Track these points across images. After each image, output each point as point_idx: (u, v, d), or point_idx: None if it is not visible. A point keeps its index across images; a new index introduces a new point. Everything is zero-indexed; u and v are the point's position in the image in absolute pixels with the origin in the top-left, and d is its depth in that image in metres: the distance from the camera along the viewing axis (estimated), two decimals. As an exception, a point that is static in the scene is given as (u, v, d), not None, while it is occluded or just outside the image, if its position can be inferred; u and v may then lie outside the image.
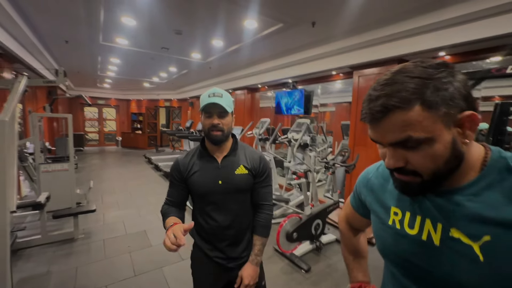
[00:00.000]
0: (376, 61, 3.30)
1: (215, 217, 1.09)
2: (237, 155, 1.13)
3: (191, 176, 1.09)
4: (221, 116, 1.04)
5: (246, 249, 1.16)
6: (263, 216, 1.16)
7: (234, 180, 1.08)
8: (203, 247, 1.14)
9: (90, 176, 6.06)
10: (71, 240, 2.95)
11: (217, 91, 1.05)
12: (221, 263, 1.13)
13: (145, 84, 9.33)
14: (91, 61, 5.68)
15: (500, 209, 0.44)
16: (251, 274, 1.10)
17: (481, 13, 2.30)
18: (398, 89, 0.44)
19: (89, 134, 11.65)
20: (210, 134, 1.05)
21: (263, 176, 1.15)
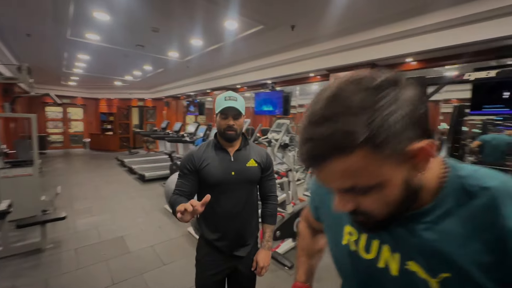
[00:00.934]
0: (351, 64, 3.49)
1: (226, 205, 1.18)
2: (247, 150, 1.26)
3: (205, 167, 1.17)
4: (235, 118, 1.16)
5: (251, 236, 1.28)
6: (271, 206, 1.31)
7: (245, 172, 1.20)
8: (210, 238, 1.21)
9: (56, 181, 5.59)
10: (38, 251, 2.71)
11: (232, 95, 1.17)
12: (227, 252, 1.21)
13: (116, 83, 8.84)
14: (55, 57, 5.25)
15: (460, 243, 0.39)
16: (264, 258, 1.24)
17: (442, 24, 2.55)
18: (335, 129, 0.35)
19: (52, 136, 10.73)
20: (225, 133, 1.17)
21: (269, 170, 1.30)
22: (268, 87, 5.31)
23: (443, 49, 2.72)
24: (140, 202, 4.43)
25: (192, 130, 6.73)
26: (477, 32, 2.41)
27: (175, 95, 9.11)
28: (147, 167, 6.56)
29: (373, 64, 3.39)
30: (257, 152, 1.27)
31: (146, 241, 3.02)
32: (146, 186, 5.44)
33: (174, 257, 2.69)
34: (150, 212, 3.95)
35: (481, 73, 1.62)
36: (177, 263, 2.59)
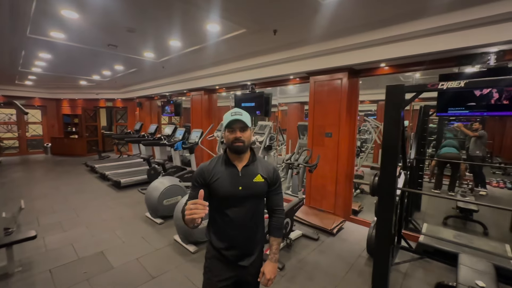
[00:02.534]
0: (330, 68, 3.63)
1: (233, 217, 1.24)
2: (255, 165, 1.31)
3: (215, 181, 1.23)
4: (242, 130, 1.23)
5: (256, 247, 1.34)
6: (278, 220, 1.37)
7: (252, 187, 1.26)
8: (218, 246, 1.27)
9: (15, 193, 5.04)
10: (5, 276, 2.43)
11: (238, 111, 1.25)
12: (235, 261, 1.27)
13: (81, 82, 8.16)
14: (10, 55, 4.69)
15: None
16: (271, 270, 1.29)
17: (413, 34, 2.76)
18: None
19: (4, 142, 9.60)
20: (233, 146, 1.23)
21: (276, 184, 1.36)
22: (248, 89, 5.31)
23: (413, 57, 2.96)
24: (118, 211, 4.18)
25: (169, 133, 6.48)
26: (442, 42, 2.66)
27: (149, 95, 8.68)
28: (121, 172, 6.20)
29: (350, 69, 3.57)
30: (264, 168, 1.32)
31: (129, 254, 2.87)
32: (122, 194, 5.14)
33: (162, 269, 2.60)
34: (131, 222, 3.75)
35: (453, 83, 1.79)
36: (167, 274, 2.50)
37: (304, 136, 5.38)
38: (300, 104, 9.45)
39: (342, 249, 3.07)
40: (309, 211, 3.98)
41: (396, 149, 2.09)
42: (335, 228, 3.47)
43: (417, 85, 2.02)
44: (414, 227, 3.47)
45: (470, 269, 2.02)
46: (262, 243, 1.38)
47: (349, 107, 3.67)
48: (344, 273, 2.58)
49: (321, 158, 3.80)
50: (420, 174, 3.92)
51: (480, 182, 5.29)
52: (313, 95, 3.96)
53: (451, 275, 2.50)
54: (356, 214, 3.99)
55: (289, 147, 8.52)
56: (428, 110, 3.92)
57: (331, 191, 3.87)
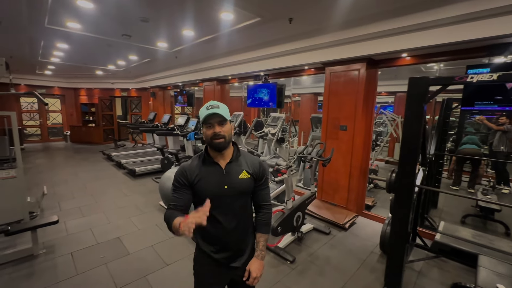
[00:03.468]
0: (347, 59, 3.48)
1: (221, 219, 1.16)
2: (239, 161, 1.22)
3: (198, 182, 1.15)
4: (221, 124, 1.12)
5: (248, 246, 1.27)
6: (265, 215, 1.29)
7: (238, 185, 1.17)
8: (207, 250, 1.20)
9: (39, 179, 5.31)
10: (31, 257, 2.59)
11: (214, 103, 1.13)
12: (225, 263, 1.21)
13: (98, 72, 8.33)
14: (30, 45, 4.82)
15: None
16: (258, 267, 1.22)
17: (437, 22, 2.58)
18: None
19: (28, 129, 10.07)
20: (213, 142, 1.13)
21: (263, 179, 1.27)
22: (261, 79, 5.22)
23: (437, 46, 2.77)
24: (133, 199, 4.32)
25: (182, 123, 6.54)
26: (472, 30, 2.46)
27: (162, 85, 8.75)
28: (136, 161, 6.37)
29: (369, 59, 3.40)
30: (249, 162, 1.23)
31: (144, 241, 2.97)
32: (137, 182, 5.30)
33: (176, 257, 2.67)
34: (145, 210, 3.87)
35: (484, 75, 1.66)
36: (180, 262, 2.58)
37: (318, 129, 5.27)
38: (313, 95, 9.24)
39: (354, 245, 3.03)
40: (321, 205, 3.94)
41: (416, 145, 1.99)
42: (347, 223, 3.43)
43: (443, 78, 1.88)
44: (430, 224, 3.37)
45: (490, 272, 1.94)
46: (253, 241, 1.30)
47: (366, 99, 3.53)
48: (356, 269, 2.56)
49: (335, 152, 3.72)
50: (438, 170, 3.76)
51: (503, 180, 5.03)
52: (328, 87, 3.83)
53: (468, 277, 2.42)
54: (370, 209, 3.92)
55: (301, 139, 8.42)
56: (451, 104, 3.71)
57: (344, 185, 3.80)
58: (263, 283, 2.28)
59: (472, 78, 1.72)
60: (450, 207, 4.23)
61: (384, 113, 6.89)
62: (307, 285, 2.30)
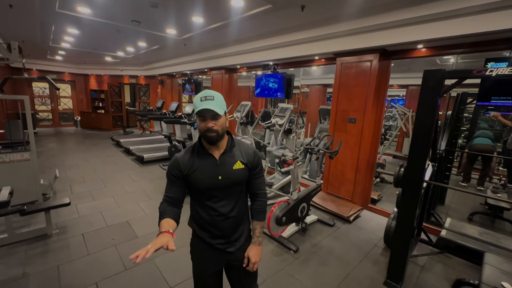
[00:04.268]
0: (360, 49, 3.38)
1: (217, 208, 1.18)
2: (233, 152, 1.21)
3: (192, 173, 1.14)
4: (214, 118, 1.09)
5: (243, 233, 1.30)
6: (260, 203, 1.31)
7: (233, 175, 1.17)
8: (203, 236, 1.23)
9: (50, 162, 5.47)
10: (45, 236, 2.71)
11: (208, 94, 1.09)
12: (221, 248, 1.23)
13: (107, 58, 8.36)
14: (41, 30, 4.85)
15: None
16: (256, 253, 1.27)
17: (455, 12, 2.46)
18: None
19: (40, 114, 10.29)
20: (206, 136, 1.11)
21: (257, 169, 1.27)
22: (270, 69, 5.15)
23: (456, 38, 2.65)
24: (141, 185, 4.42)
25: (189, 111, 6.56)
26: (491, 21, 2.34)
27: (170, 73, 8.74)
28: (144, 148, 6.47)
29: (383, 50, 3.30)
30: (244, 152, 1.22)
31: (152, 226, 3.06)
32: (145, 168, 5.40)
33: (183, 241, 2.72)
34: (153, 196, 3.96)
35: (505, 69, 1.59)
36: (186, 247, 2.62)
37: (326, 121, 5.21)
38: (322, 87, 9.08)
39: (357, 237, 3.05)
40: (326, 197, 3.95)
41: (428, 140, 1.95)
42: (351, 216, 3.44)
43: (460, 71, 1.81)
44: (436, 220, 3.35)
45: (496, 269, 1.92)
46: (248, 228, 1.34)
47: (377, 92, 3.45)
48: (359, 261, 2.58)
49: (343, 145, 3.68)
50: (448, 167, 3.69)
51: (515, 178, 4.90)
52: (339, 78, 3.75)
53: (472, 273, 2.42)
54: (375, 203, 3.91)
55: (308, 130, 8.35)
56: (466, 98, 3.59)
57: (350, 179, 3.78)
58: (266, 270, 2.34)
59: (491, 71, 1.65)
60: (457, 204, 4.18)
61: (394, 107, 6.74)
62: (309, 274, 2.34)
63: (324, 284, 2.23)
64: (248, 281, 1.35)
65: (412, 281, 2.30)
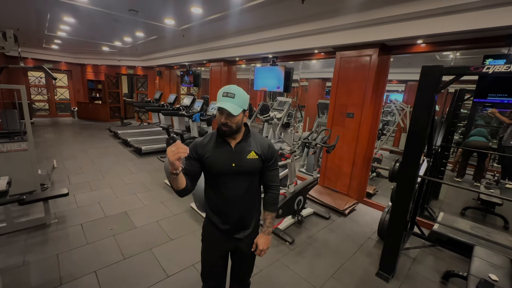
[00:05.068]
0: (360, 43, 3.36)
1: (227, 194, 1.25)
2: (248, 142, 1.27)
3: (207, 158, 1.23)
4: (230, 116, 1.16)
5: (252, 221, 1.36)
6: (272, 195, 1.37)
7: (245, 164, 1.24)
8: (214, 220, 1.31)
9: (48, 152, 5.46)
10: (44, 226, 2.74)
11: (230, 91, 1.15)
12: (230, 234, 1.32)
13: (104, 48, 8.24)
14: (37, 18, 4.75)
15: None
16: (264, 242, 1.35)
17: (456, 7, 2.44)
18: None
19: (36, 104, 10.18)
20: (220, 128, 1.21)
21: (271, 161, 1.33)
22: (269, 62, 5.12)
23: (456, 34, 2.65)
24: (139, 176, 4.44)
25: (187, 103, 6.54)
26: (491, 18, 2.34)
27: (168, 64, 8.65)
28: (142, 139, 6.46)
29: (382, 44, 3.29)
30: (259, 144, 1.29)
31: (150, 216, 3.09)
32: (143, 160, 5.41)
33: (180, 232, 2.79)
34: (151, 187, 3.98)
35: (502, 66, 1.60)
36: (184, 238, 2.70)
37: (324, 115, 5.22)
38: (321, 81, 9.05)
39: (352, 230, 3.11)
40: (323, 191, 4.00)
41: (423, 135, 1.98)
42: (347, 209, 3.50)
43: (458, 67, 1.82)
44: (429, 214, 3.42)
45: (484, 262, 1.99)
46: (258, 217, 1.40)
47: (376, 87, 3.45)
48: (352, 253, 2.65)
49: (340, 139, 3.71)
50: (443, 162, 3.74)
51: (509, 175, 4.99)
52: (338, 72, 3.74)
53: (462, 266, 2.49)
54: (370, 197, 3.97)
55: (307, 124, 8.36)
56: (464, 95, 3.60)
57: (346, 173, 3.83)
58: (263, 261, 2.39)
59: (488, 68, 1.66)
60: (451, 198, 4.25)
61: (393, 102, 6.75)
62: (304, 265, 2.40)
63: (318, 275, 2.29)
64: (244, 269, 1.46)
65: (404, 273, 2.37)
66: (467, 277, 1.85)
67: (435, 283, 2.26)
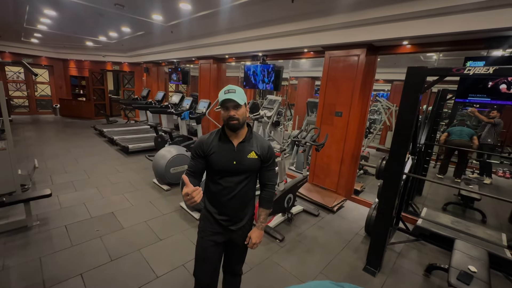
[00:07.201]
0: (348, 43, 3.42)
1: (226, 187, 1.35)
2: (250, 142, 1.36)
3: (211, 155, 1.32)
4: (235, 108, 1.26)
5: (247, 215, 1.44)
6: (268, 193, 1.46)
7: (245, 162, 1.33)
8: (211, 211, 1.40)
9: (29, 152, 5.23)
10: (25, 228, 2.62)
11: (231, 88, 1.28)
12: (225, 225, 1.39)
13: (87, 43, 7.94)
14: (14, 10, 4.51)
15: None
16: (257, 235, 1.44)
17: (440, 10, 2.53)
18: None
19: (15, 100, 9.69)
20: (228, 123, 1.29)
21: (270, 161, 1.41)
22: (259, 60, 5.11)
23: (440, 36, 2.74)
24: (126, 175, 4.34)
25: (176, 101, 6.43)
26: (472, 21, 2.44)
27: (156, 61, 8.46)
28: (129, 138, 6.30)
29: (370, 45, 3.36)
30: (260, 145, 1.38)
31: (138, 217, 3.03)
32: (131, 159, 5.28)
33: (169, 232, 2.76)
34: (139, 187, 3.90)
35: (481, 68, 1.68)
36: (174, 237, 2.67)
37: (313, 113, 5.28)
38: (311, 79, 9.14)
39: (340, 227, 3.18)
40: (312, 188, 4.06)
41: (408, 134, 2.04)
42: (335, 206, 3.57)
43: (441, 69, 1.90)
44: (413, 210, 3.54)
45: (464, 255, 2.09)
46: (252, 212, 1.47)
47: (363, 86, 3.53)
48: (340, 249, 2.71)
49: (329, 138, 3.77)
50: (427, 160, 3.89)
51: (486, 171, 5.25)
52: (327, 71, 3.79)
53: (444, 259, 2.61)
54: (358, 194, 4.06)
55: (296, 123, 8.44)
56: (446, 95, 3.75)
57: (335, 170, 3.90)
58: (253, 258, 2.40)
59: (469, 70, 1.74)
60: (433, 194, 4.43)
61: (379, 101, 6.92)
62: (294, 262, 2.44)
63: (308, 271, 2.33)
64: (236, 259, 1.56)
65: (389, 267, 2.45)
66: (448, 269, 1.93)
67: (418, 276, 2.35)
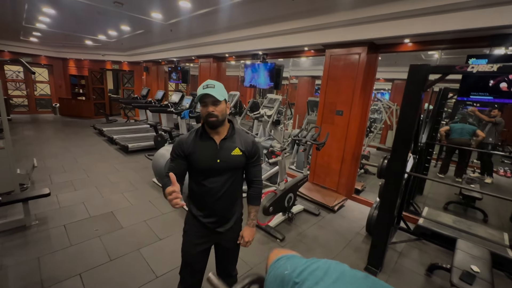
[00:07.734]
0: (349, 41, 3.39)
1: (211, 188, 1.28)
2: (233, 139, 1.30)
3: (193, 154, 1.25)
4: (214, 104, 1.19)
5: (234, 216, 1.39)
6: (255, 190, 1.42)
7: (230, 160, 1.27)
8: (196, 214, 1.33)
9: (28, 151, 5.20)
10: (23, 228, 2.60)
11: (210, 83, 1.19)
12: (211, 227, 1.33)
13: (87, 42, 7.90)
14: (13, 8, 4.48)
15: None
16: (249, 233, 1.41)
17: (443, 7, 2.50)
18: None
19: (14, 99, 9.66)
20: (207, 121, 1.22)
21: (255, 157, 1.36)
22: (259, 59, 5.08)
23: (442, 33, 2.72)
24: (126, 175, 4.32)
25: (176, 100, 6.40)
26: (475, 19, 2.42)
27: (156, 60, 8.43)
28: (128, 137, 6.28)
29: (371, 43, 3.33)
30: (243, 141, 1.31)
31: (137, 216, 3.01)
32: (130, 158, 5.26)
33: (169, 232, 2.74)
34: (138, 186, 3.88)
35: (485, 66, 1.65)
36: (173, 237, 2.65)
37: (313, 112, 5.26)
38: (311, 78, 9.12)
39: (341, 226, 3.16)
40: (312, 188, 4.04)
41: (410, 133, 2.02)
42: (336, 206, 3.55)
43: (444, 66, 1.88)
44: (414, 209, 3.52)
45: (466, 254, 2.07)
46: (239, 212, 1.43)
47: (364, 85, 3.50)
48: (341, 248, 2.69)
49: (329, 136, 3.75)
50: (428, 159, 3.87)
51: (487, 170, 5.23)
52: (328, 70, 3.77)
53: (446, 258, 2.59)
54: (359, 193, 4.04)
55: (296, 122, 8.41)
56: (447, 93, 3.72)
57: (335, 170, 3.88)
58: (253, 258, 2.39)
59: (472, 68, 1.71)
60: (435, 194, 4.41)
61: (380, 100, 6.90)
62: (295, 262, 2.41)
63: (309, 271, 2.30)
64: (228, 261, 1.49)
65: (390, 266, 2.43)
66: (451, 269, 1.91)
67: (420, 276, 2.34)
